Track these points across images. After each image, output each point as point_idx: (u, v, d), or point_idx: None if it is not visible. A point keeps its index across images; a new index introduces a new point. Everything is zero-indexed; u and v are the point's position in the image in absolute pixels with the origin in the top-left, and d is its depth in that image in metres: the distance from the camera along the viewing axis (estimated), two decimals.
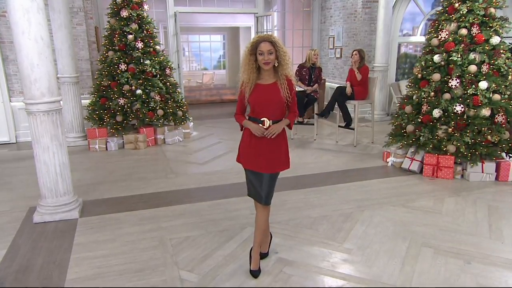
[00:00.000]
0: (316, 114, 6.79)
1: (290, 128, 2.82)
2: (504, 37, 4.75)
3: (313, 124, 6.97)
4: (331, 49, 9.65)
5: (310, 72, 6.80)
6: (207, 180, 4.81)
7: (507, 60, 4.62)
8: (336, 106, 6.58)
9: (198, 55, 13.75)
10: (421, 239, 3.25)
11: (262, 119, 2.67)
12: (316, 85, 6.81)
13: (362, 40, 8.83)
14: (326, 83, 9.49)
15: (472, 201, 4.04)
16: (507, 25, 4.65)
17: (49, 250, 3.11)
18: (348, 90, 6.29)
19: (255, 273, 2.78)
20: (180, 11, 8.63)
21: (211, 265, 2.88)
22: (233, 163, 2.77)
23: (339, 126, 6.68)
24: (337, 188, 4.52)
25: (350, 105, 6.49)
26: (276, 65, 2.64)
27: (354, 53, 6.34)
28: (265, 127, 2.67)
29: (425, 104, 4.90)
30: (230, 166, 5.25)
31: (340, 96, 6.40)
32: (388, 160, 5.39)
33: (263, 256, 2.95)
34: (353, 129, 6.45)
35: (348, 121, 6.53)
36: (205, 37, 13.55)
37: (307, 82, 6.81)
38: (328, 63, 9.94)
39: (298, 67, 6.94)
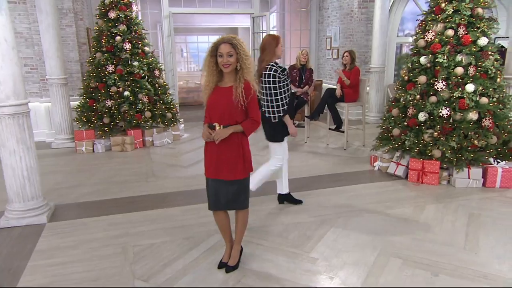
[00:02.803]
0: (306, 116, 6.68)
1: (246, 136, 2.69)
2: (499, 38, 4.59)
3: (304, 127, 6.87)
4: (328, 49, 9.52)
5: (301, 73, 6.70)
6: (186, 184, 4.74)
7: (495, 62, 4.46)
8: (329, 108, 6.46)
9: (197, 56, 13.69)
10: (391, 249, 3.13)
11: (214, 124, 2.61)
12: (307, 87, 6.70)
13: (358, 40, 8.69)
14: (323, 84, 9.37)
15: (453, 209, 3.89)
16: (495, 25, 4.48)
17: (8, 257, 3.07)
18: (338, 92, 6.17)
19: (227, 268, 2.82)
20: (174, 11, 8.60)
21: (169, 275, 2.81)
22: None
23: (329, 128, 6.57)
24: (318, 193, 4.42)
25: (341, 107, 6.37)
26: (238, 69, 2.56)
27: (345, 54, 6.22)
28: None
29: (411, 107, 4.76)
30: None
31: (330, 98, 6.28)
32: (375, 164, 5.26)
33: (231, 269, 2.85)
34: (343, 132, 6.33)
35: (338, 124, 6.40)
36: (204, 38, 13.47)
37: (297, 84, 6.71)
38: (326, 64, 9.82)
39: (288, 68, 6.84)
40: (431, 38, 4.62)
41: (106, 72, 6.32)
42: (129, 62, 6.40)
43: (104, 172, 5.26)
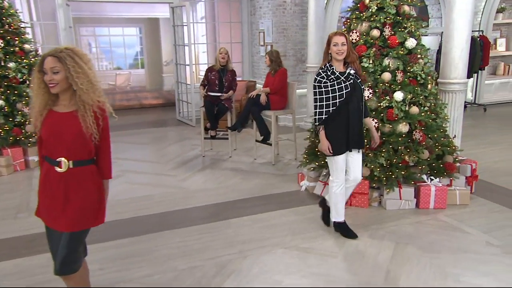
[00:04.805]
0: (227, 127, 6.47)
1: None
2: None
3: (228, 138, 6.66)
4: (261, 45, 9.43)
5: (220, 76, 6.48)
6: None
7: (424, 66, 4.51)
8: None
9: (109, 51, 13.07)
10: None
11: (58, 159, 2.32)
12: (231, 91, 6.50)
13: (293, 36, 8.69)
14: (257, 85, 9.27)
15: (379, 238, 3.84)
16: (423, 25, 4.55)
17: None
18: (263, 98, 6.03)
19: None
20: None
21: None
22: (110, 196, 2.56)
23: (256, 141, 6.42)
24: (228, 224, 4.21)
25: (268, 116, 6.23)
26: (75, 89, 2.31)
27: (266, 55, 6.12)
28: (62, 170, 2.32)
29: None
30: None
31: (254, 105, 6.13)
32: (301, 183, 5.16)
33: None
34: (271, 144, 6.21)
35: (265, 135, 6.25)
36: (117, 30, 12.86)
37: (217, 88, 6.48)
38: (260, 62, 9.73)
39: (206, 70, 6.62)
40: (355, 39, 4.59)
41: None
42: (2, 64, 5.86)
43: None
